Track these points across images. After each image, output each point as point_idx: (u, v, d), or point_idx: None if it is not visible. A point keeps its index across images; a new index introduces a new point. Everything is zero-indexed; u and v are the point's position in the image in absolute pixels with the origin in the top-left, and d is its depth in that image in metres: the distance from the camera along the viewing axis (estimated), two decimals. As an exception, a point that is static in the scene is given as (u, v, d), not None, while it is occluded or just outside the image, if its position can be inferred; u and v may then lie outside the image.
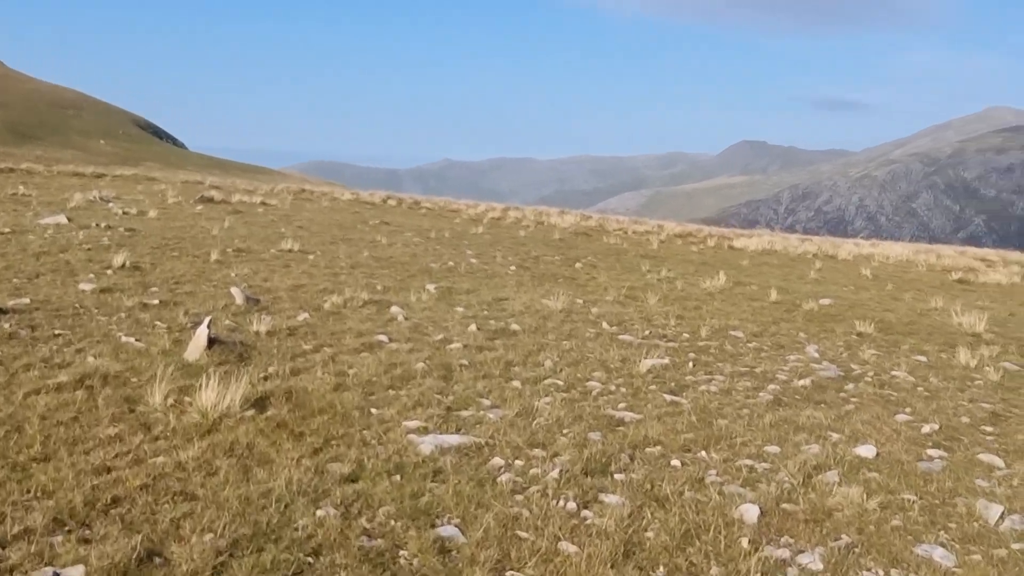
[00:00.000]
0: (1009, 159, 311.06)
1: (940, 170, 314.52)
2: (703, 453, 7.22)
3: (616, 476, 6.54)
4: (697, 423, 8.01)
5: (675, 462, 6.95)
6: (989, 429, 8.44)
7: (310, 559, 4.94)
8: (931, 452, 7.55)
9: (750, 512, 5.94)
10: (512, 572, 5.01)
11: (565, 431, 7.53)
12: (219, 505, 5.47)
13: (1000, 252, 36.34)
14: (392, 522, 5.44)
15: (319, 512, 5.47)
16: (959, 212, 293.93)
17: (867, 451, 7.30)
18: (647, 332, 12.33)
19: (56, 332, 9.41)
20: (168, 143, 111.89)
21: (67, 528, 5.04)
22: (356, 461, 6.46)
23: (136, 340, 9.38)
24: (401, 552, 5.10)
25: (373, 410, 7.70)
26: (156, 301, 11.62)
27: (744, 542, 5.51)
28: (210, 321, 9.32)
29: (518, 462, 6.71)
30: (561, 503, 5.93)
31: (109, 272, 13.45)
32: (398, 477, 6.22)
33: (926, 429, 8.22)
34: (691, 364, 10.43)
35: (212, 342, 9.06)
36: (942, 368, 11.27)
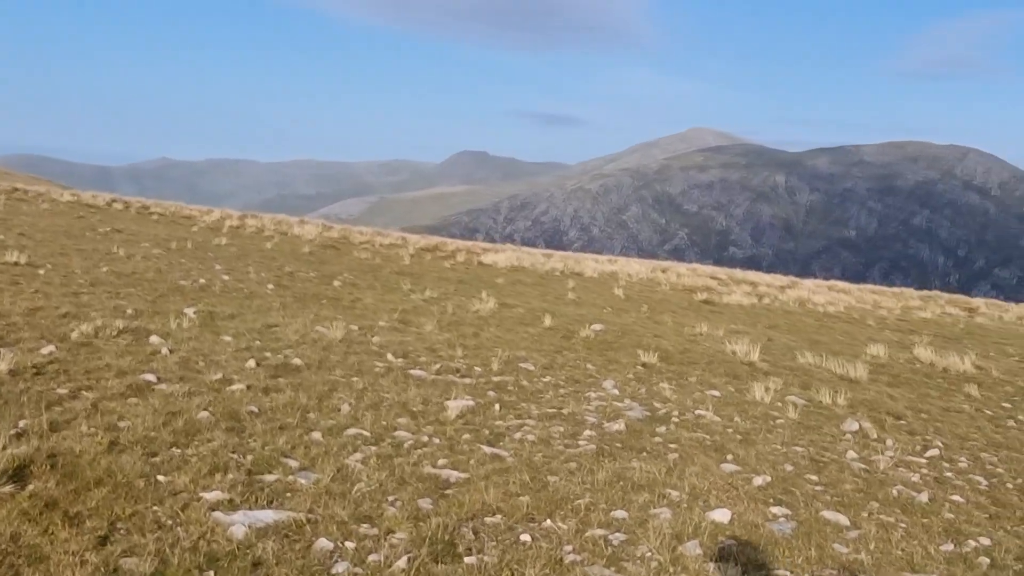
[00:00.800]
0: (709, 177, 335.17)
1: (648, 185, 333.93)
2: (549, 522, 6.51)
3: (467, 560, 5.69)
4: (530, 482, 7.30)
5: (524, 536, 6.18)
6: (815, 478, 8.25)
7: None
8: (775, 511, 7.21)
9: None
10: None
11: (391, 498, 6.61)
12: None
13: (727, 270, 38.40)
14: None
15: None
16: (665, 225, 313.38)
17: (722, 515, 6.83)
18: (438, 366, 11.52)
19: None
20: None
21: None
22: (156, 554, 5.27)
23: None
24: None
25: (161, 477, 6.45)
26: None
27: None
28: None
29: (349, 544, 5.73)
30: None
31: None
32: (212, 574, 5.14)
33: (758, 481, 7.93)
34: (497, 407, 9.72)
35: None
36: (740, 405, 11.16)
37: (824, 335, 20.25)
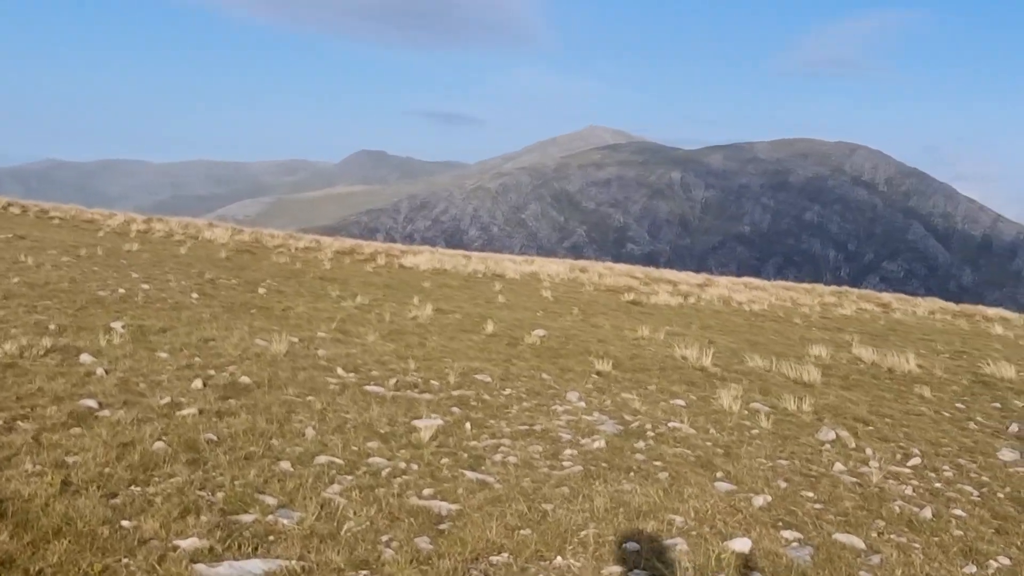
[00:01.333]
0: (607, 174, 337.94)
1: (546, 183, 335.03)
2: (560, 559, 5.97)
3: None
4: (528, 513, 6.75)
5: (540, 578, 5.67)
6: (811, 495, 7.86)
7: None
8: (786, 535, 6.79)
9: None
10: None
11: (385, 538, 6.00)
12: None
13: (643, 269, 38.37)
14: None
15: None
16: (564, 223, 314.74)
17: (742, 545, 6.34)
18: (394, 380, 10.85)
19: None
20: None
21: None
22: (141, 620, 4.60)
23: None
24: None
25: (126, 523, 5.74)
26: None
27: None
28: None
29: (359, 600, 5.14)
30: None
31: None
32: (211, 641, 4.49)
33: (759, 501, 7.52)
34: (468, 426, 9.13)
35: None
36: (709, 415, 10.75)
37: (759, 335, 20.13)
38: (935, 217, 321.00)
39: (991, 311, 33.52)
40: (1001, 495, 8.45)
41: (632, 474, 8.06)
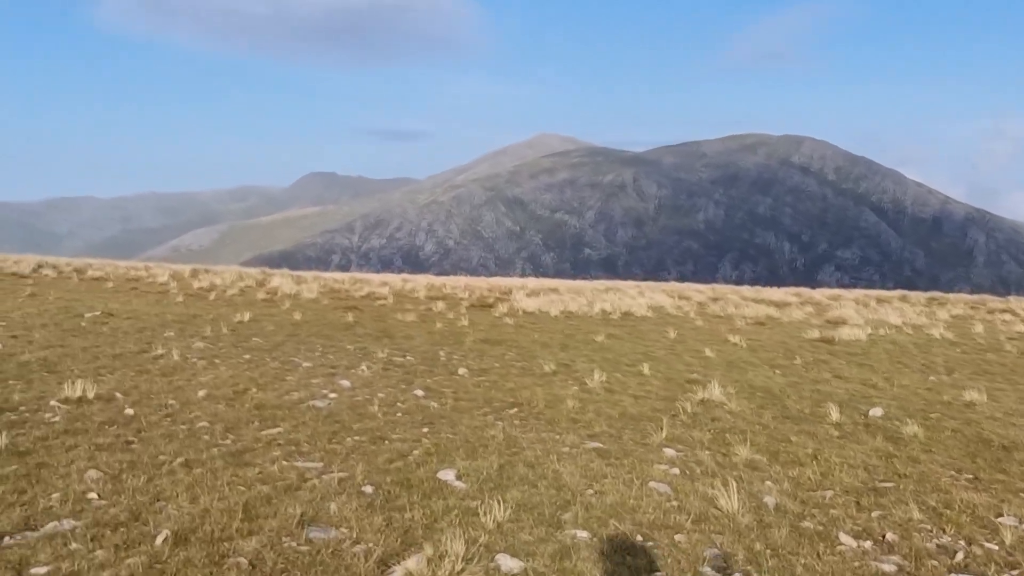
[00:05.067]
0: (559, 180, 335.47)
1: (499, 193, 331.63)
2: None
3: None
4: None
5: None
6: None
7: None
8: None
9: None
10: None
11: None
12: None
13: (710, 287, 34.81)
14: None
15: None
16: (520, 232, 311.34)
17: None
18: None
19: None
20: None
21: None
22: None
23: None
24: None
25: None
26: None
27: None
28: None
29: None
30: None
31: None
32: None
33: None
34: None
35: None
36: None
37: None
38: (885, 203, 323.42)
39: None
40: None
41: None
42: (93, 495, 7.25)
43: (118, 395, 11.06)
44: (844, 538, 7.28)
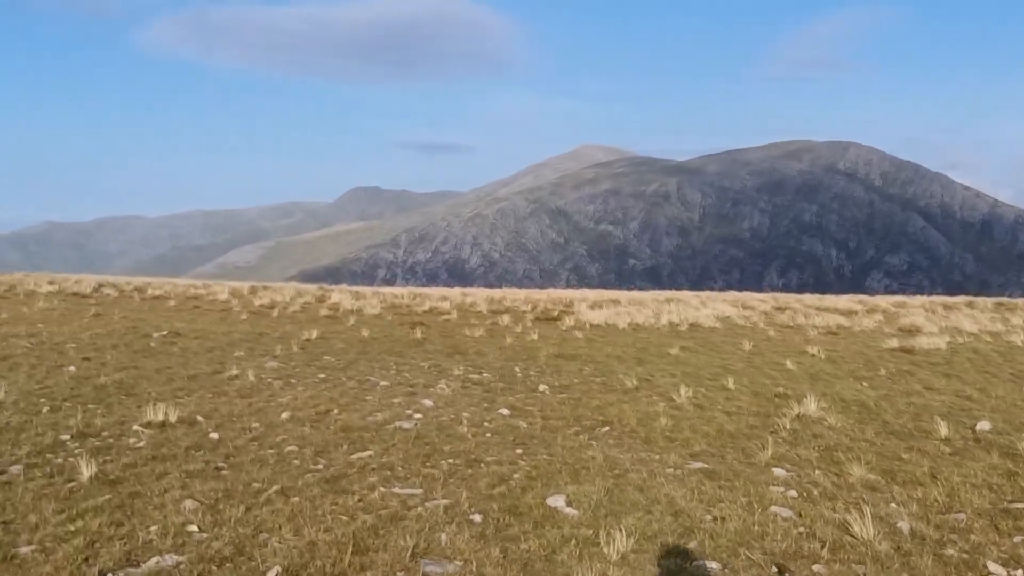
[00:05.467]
0: (602, 191, 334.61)
1: (543, 205, 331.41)
2: None
3: None
4: None
5: None
6: None
7: None
8: None
9: None
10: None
11: None
12: None
13: (774, 296, 34.11)
14: None
15: None
16: (564, 244, 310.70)
17: None
18: None
19: None
20: None
21: None
22: None
23: None
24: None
25: None
26: None
27: None
28: None
29: None
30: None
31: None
32: None
33: None
34: None
35: None
36: None
37: None
38: (933, 207, 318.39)
39: None
40: None
41: None
42: (193, 527, 6.93)
43: (199, 418, 10.78)
44: (993, 567, 6.77)
